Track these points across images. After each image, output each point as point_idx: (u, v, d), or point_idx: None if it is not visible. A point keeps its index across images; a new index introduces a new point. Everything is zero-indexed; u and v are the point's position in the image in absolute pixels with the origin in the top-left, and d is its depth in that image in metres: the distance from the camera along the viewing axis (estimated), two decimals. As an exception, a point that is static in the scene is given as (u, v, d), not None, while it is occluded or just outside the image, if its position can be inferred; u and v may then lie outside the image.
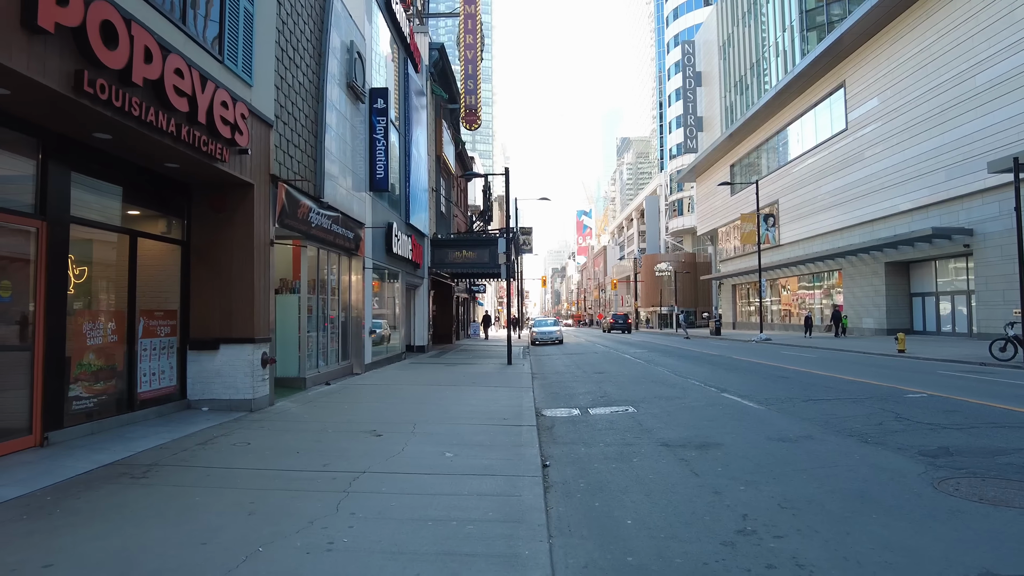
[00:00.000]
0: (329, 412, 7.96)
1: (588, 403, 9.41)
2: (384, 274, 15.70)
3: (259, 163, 8.17)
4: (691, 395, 9.95)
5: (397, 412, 7.98)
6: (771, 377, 12.27)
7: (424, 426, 6.92)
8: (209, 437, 6.20)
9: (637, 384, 11.65)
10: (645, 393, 10.34)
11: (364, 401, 9.03)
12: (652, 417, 7.97)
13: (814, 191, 36.35)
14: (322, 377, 11.08)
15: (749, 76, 51.89)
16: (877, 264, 30.93)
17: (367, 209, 13.48)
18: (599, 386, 11.47)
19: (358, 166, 13.04)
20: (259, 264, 8.11)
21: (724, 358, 17.88)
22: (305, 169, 9.97)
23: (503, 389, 10.50)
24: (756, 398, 9.32)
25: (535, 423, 7.23)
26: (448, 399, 9.23)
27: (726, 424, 7.29)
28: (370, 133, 13.64)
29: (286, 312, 10.43)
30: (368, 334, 13.38)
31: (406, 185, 17.64)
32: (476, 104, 24.73)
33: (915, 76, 27.08)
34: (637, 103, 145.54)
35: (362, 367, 12.94)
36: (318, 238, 10.54)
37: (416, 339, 20.55)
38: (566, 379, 12.93)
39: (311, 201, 9.95)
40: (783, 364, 15.29)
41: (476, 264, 21.18)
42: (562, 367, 15.99)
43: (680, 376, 12.88)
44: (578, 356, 20.12)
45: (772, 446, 6.03)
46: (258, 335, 8.01)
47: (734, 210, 48.78)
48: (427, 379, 12.16)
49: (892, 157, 28.82)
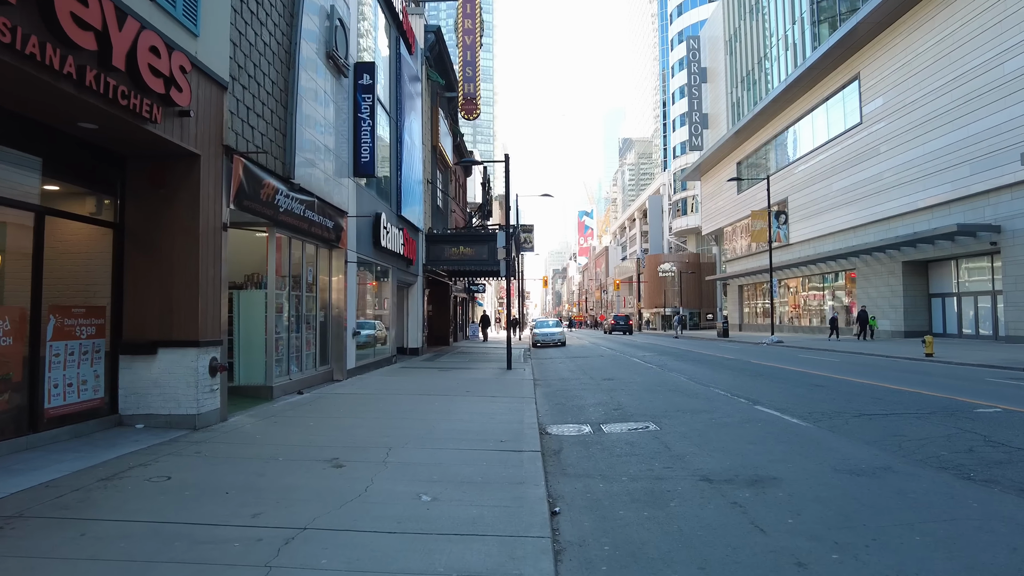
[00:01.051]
0: (290, 430, 6.59)
1: (600, 417, 8.04)
2: (371, 270, 14.34)
3: (208, 130, 6.81)
4: (719, 408, 8.57)
5: (372, 430, 6.61)
6: (803, 385, 10.89)
7: (401, 451, 5.56)
8: (121, 469, 4.83)
9: (654, 394, 10.28)
10: (665, 405, 8.97)
11: (337, 415, 7.66)
12: (680, 437, 6.60)
13: (825, 188, 34.99)
14: (294, 385, 9.71)
15: (756, 71, 50.56)
16: (894, 263, 29.56)
17: (350, 197, 12.13)
18: (611, 396, 10.10)
19: (341, 148, 11.69)
20: (207, 251, 6.75)
21: (742, 362, 16.50)
22: (272, 144, 8.61)
23: (501, 399, 9.13)
24: (797, 412, 7.95)
25: (539, 447, 5.86)
26: (436, 413, 7.86)
27: (774, 448, 5.93)
28: (354, 112, 12.29)
29: (251, 310, 9.07)
30: (351, 336, 12.02)
31: (397, 174, 16.29)
32: (475, 92, 23.38)
33: (936, 66, 25.71)
34: (639, 103, 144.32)
35: (344, 373, 11.58)
36: (288, 225, 9.18)
37: (409, 341, 19.18)
38: (572, 387, 11.56)
39: (279, 182, 8.59)
40: (809, 369, 13.91)
41: (474, 261, 19.83)
42: (567, 372, 14.62)
43: (701, 384, 11.51)
44: (583, 360, 18.74)
45: (846, 482, 4.66)
46: (205, 337, 6.65)
47: (741, 209, 47.43)
48: (416, 387, 10.80)
49: (911, 151, 27.44)
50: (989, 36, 22.91)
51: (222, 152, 7.11)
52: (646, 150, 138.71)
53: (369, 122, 12.34)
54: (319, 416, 7.55)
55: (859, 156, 31.62)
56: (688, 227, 68.37)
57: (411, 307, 19.22)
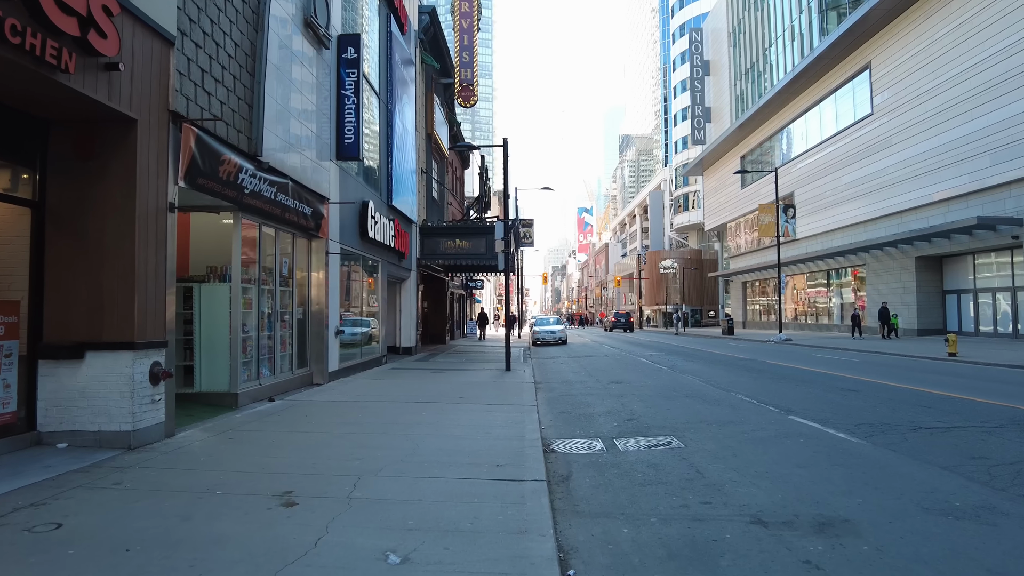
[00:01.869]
0: (245, 450, 5.50)
1: (613, 430, 6.96)
2: (358, 263, 13.23)
3: (149, 91, 5.70)
4: (747, 418, 7.49)
5: (344, 450, 5.52)
6: (834, 389, 9.82)
7: (372, 482, 4.47)
8: (4, 510, 3.74)
9: (670, 400, 9.19)
10: (685, 414, 7.89)
11: (305, 429, 6.56)
12: (711, 457, 5.52)
13: (833, 182, 33.92)
14: (265, 391, 8.61)
15: (761, 63, 49.41)
16: (906, 259, 28.51)
17: (332, 181, 11.01)
18: (621, 402, 9.01)
19: (322, 129, 10.58)
20: (147, 236, 5.65)
21: (757, 363, 15.42)
22: (235, 117, 7.50)
23: (499, 408, 8.05)
24: (840, 424, 6.87)
25: (544, 474, 4.77)
26: (423, 426, 6.77)
27: (830, 474, 4.85)
28: (337, 88, 11.17)
29: (214, 307, 7.97)
30: (334, 335, 10.91)
31: (388, 161, 15.17)
32: (472, 78, 22.24)
33: (953, 52, 24.61)
34: (639, 100, 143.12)
35: (325, 376, 10.48)
36: (257, 210, 8.07)
37: (402, 340, 18.09)
38: (578, 391, 10.47)
39: (244, 159, 7.48)
40: (832, 371, 12.83)
41: (471, 255, 18.72)
42: (570, 374, 13.54)
43: (719, 388, 10.43)
44: (586, 360, 17.66)
45: (946, 529, 3.58)
46: (143, 338, 5.55)
47: (745, 204, 46.37)
48: (404, 392, 9.70)
49: (925, 142, 26.35)
50: (1011, 20, 21.82)
51: (168, 119, 6.00)
52: (646, 147, 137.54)
53: (354, 100, 11.23)
54: (285, 430, 6.45)
55: (870, 148, 30.54)
56: (690, 223, 67.29)
57: (404, 304, 18.13)
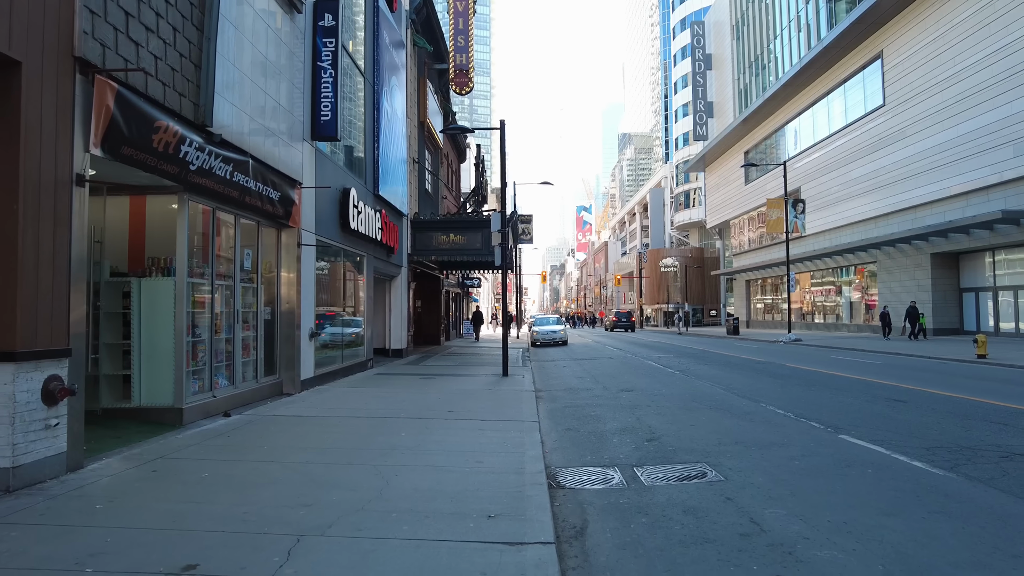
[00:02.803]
0: (161, 493, 4.25)
1: (631, 454, 5.73)
2: (338, 257, 11.96)
3: (41, 27, 4.45)
4: (791, 438, 6.26)
5: (289, 493, 4.27)
6: (877, 399, 8.60)
7: (313, 549, 3.22)
8: None
9: (691, 412, 7.96)
10: (714, 432, 6.66)
11: (254, 457, 5.32)
12: (764, 497, 4.30)
13: (842, 176, 32.74)
14: (220, 404, 7.36)
15: (765, 56, 48.19)
16: (921, 255, 27.34)
17: (306, 164, 9.75)
18: (636, 416, 7.78)
19: (295, 104, 9.33)
20: (37, 213, 4.40)
21: (775, 366, 14.19)
22: (177, 77, 6.23)
23: (494, 426, 6.81)
24: (909, 448, 5.64)
25: (551, 530, 3.54)
26: (400, 452, 5.53)
27: (934, 529, 3.61)
28: (313, 60, 9.92)
29: (155, 305, 6.72)
30: (308, 337, 9.66)
31: (374, 147, 13.91)
32: (468, 64, 20.99)
33: (973, 38, 23.41)
34: (638, 99, 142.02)
35: (297, 384, 9.22)
36: (208, 191, 6.82)
37: (392, 341, 16.84)
38: (584, 401, 9.23)
39: (187, 128, 6.22)
40: (864, 376, 11.61)
41: (467, 250, 17.48)
42: (574, 380, 12.30)
43: (744, 397, 9.19)
44: (590, 363, 16.42)
45: None
46: (31, 345, 4.30)
47: (749, 200, 45.21)
48: (385, 404, 8.45)
49: (942, 134, 25.15)
50: (1038, 2, 20.65)
51: (73, 68, 4.74)
52: (645, 145, 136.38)
53: (331, 73, 9.97)
54: (227, 458, 5.20)
55: (881, 141, 29.36)
56: (691, 220, 66.10)
57: (394, 302, 16.87)
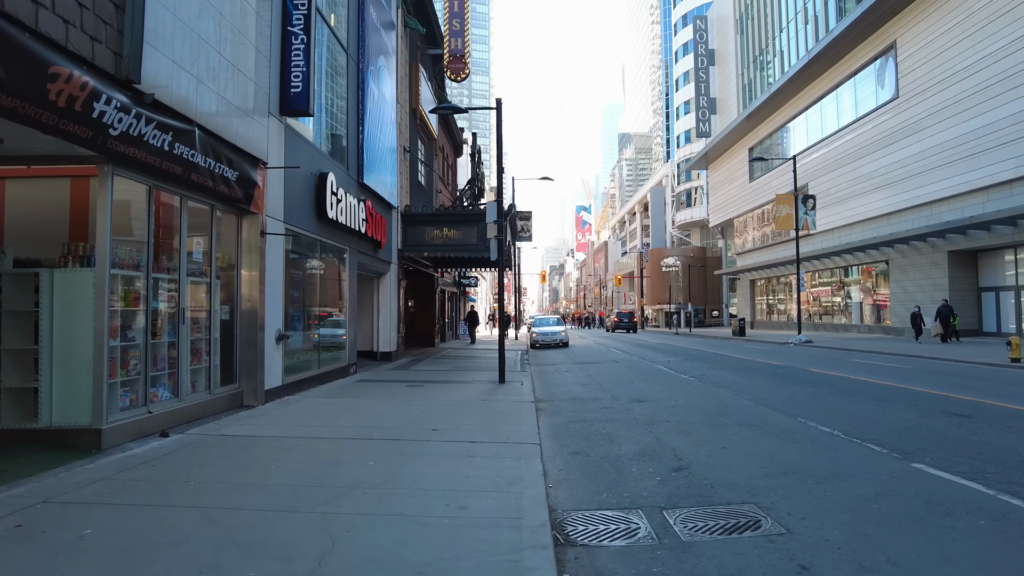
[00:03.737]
0: (18, 562, 3.04)
1: (657, 490, 4.52)
2: (315, 250, 10.71)
3: None
4: (851, 465, 5.04)
5: (192, 568, 3.06)
6: (933, 412, 7.39)
7: None
8: None
9: (719, 430, 6.74)
10: (755, 457, 5.43)
11: (171, 501, 4.08)
12: (856, 569, 3.09)
13: (852, 172, 31.60)
14: (158, 422, 6.12)
15: (770, 50, 47.06)
16: (937, 253, 26.18)
17: (273, 142, 8.52)
18: (655, 435, 6.55)
19: (260, 73, 8.12)
20: None
21: (798, 371, 12.96)
22: (87, 15, 4.99)
23: (486, 450, 5.58)
24: (1016, 485, 4.44)
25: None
26: (361, 493, 4.29)
27: None
28: (283, 24, 8.70)
29: (71, 302, 5.49)
30: (275, 340, 8.43)
31: (359, 130, 12.68)
32: (463, 49, 19.76)
33: (995, 25, 22.24)
34: (637, 98, 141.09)
35: (260, 395, 7.99)
36: (140, 163, 5.60)
37: (380, 343, 15.60)
38: (592, 414, 8.01)
39: (104, 83, 5.00)
40: (903, 383, 10.39)
41: (461, 245, 16.24)
42: (578, 387, 11.07)
43: (777, 410, 7.97)
44: (594, 366, 15.20)
45: None
46: None
47: (753, 198, 44.09)
48: (359, 420, 7.22)
49: (961, 126, 23.99)
50: (1067, -16, 19.50)
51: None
52: (644, 145, 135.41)
53: (303, 40, 8.76)
54: (132, 504, 3.96)
55: (894, 135, 28.21)
56: (692, 220, 64.94)
57: (382, 302, 15.64)
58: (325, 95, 11.21)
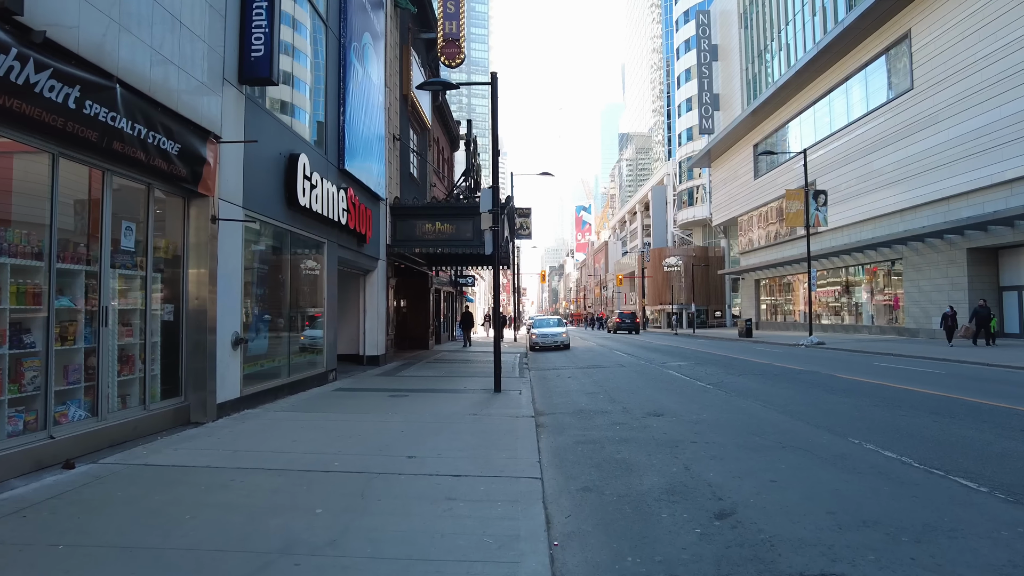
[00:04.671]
0: None
1: (701, 553, 3.29)
2: (284, 242, 9.47)
3: None
4: (957, 517, 3.82)
5: None
6: (1014, 432, 6.20)
7: None
8: None
9: (760, 455, 5.52)
10: (816, 498, 4.20)
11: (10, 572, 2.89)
12: None
13: (863, 168, 30.45)
14: (65, 448, 4.90)
15: (776, 44, 45.92)
16: (955, 251, 25.02)
17: (229, 113, 7.29)
18: (682, 462, 5.34)
19: (215, 33, 6.91)
20: None
21: (826, 377, 11.71)
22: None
23: (471, 489, 4.35)
24: None
25: None
26: (299, 554, 3.08)
27: None
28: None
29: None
30: (232, 344, 7.22)
31: (340, 111, 11.47)
32: (459, 32, 18.57)
33: (1017, 11, 21.04)
34: (637, 98, 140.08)
35: (211, 409, 6.77)
36: (30, 122, 4.38)
37: (366, 346, 14.38)
38: (602, 432, 6.79)
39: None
40: (952, 393, 9.18)
41: (455, 240, 15.06)
42: (583, 397, 9.84)
43: (822, 428, 6.76)
44: (599, 372, 13.98)
45: None
46: None
47: (759, 195, 42.93)
48: (322, 443, 5.98)
49: (981, 117, 22.81)
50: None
51: None
52: (644, 145, 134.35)
53: None
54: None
55: (908, 128, 27.04)
56: (694, 219, 63.75)
57: (368, 301, 14.41)
58: (299, 67, 10.01)
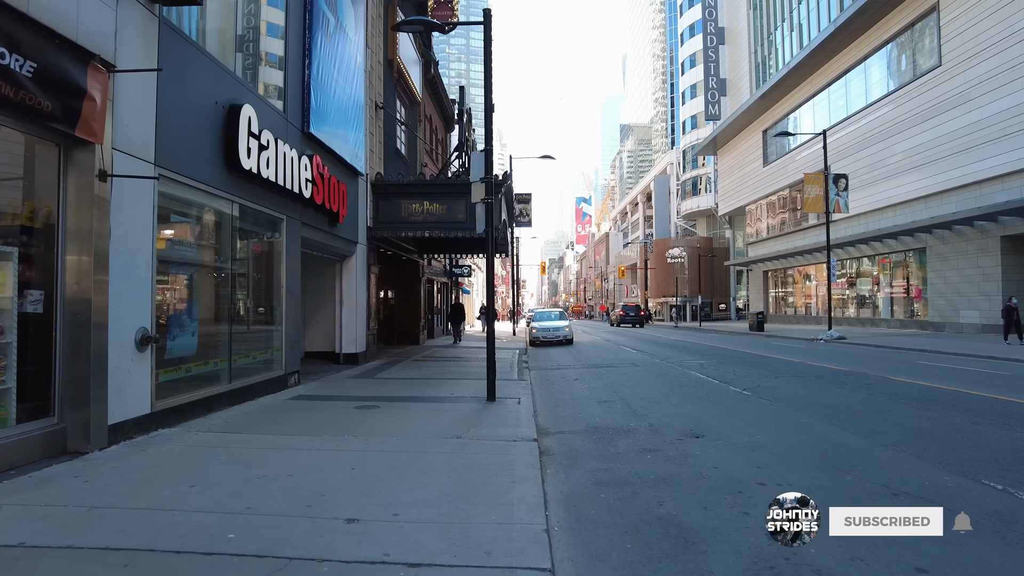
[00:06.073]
0: None
1: None
2: (223, 214, 7.67)
3: None
4: None
5: None
6: None
7: None
8: None
9: (858, 492, 3.80)
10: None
11: None
12: None
13: (883, 152, 28.63)
14: None
15: (787, 25, 43.96)
16: (987, 239, 23.27)
17: (128, 32, 5.45)
18: (764, 530, 3.62)
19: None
20: None
21: (881, 380, 9.92)
22: None
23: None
24: None
25: None
26: None
27: None
28: None
29: None
30: (138, 344, 5.45)
31: (304, 65, 9.64)
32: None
33: (1066, -27, 19.21)
34: (638, 89, 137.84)
35: (100, 432, 5.01)
36: None
37: (343, 343, 12.60)
38: (628, 466, 5.03)
39: None
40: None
41: (446, 222, 13.28)
42: (596, 408, 8.07)
43: (925, 460, 5.00)
44: (610, 372, 12.22)
45: None
46: None
47: (768, 183, 41.13)
48: (234, 487, 4.20)
49: (1018, 94, 21.00)
50: None
51: None
52: (645, 136, 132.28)
53: None
54: None
55: (936, 108, 25.20)
56: (699, 208, 61.90)
57: (346, 291, 12.63)
58: (246, 4, 8.19)
